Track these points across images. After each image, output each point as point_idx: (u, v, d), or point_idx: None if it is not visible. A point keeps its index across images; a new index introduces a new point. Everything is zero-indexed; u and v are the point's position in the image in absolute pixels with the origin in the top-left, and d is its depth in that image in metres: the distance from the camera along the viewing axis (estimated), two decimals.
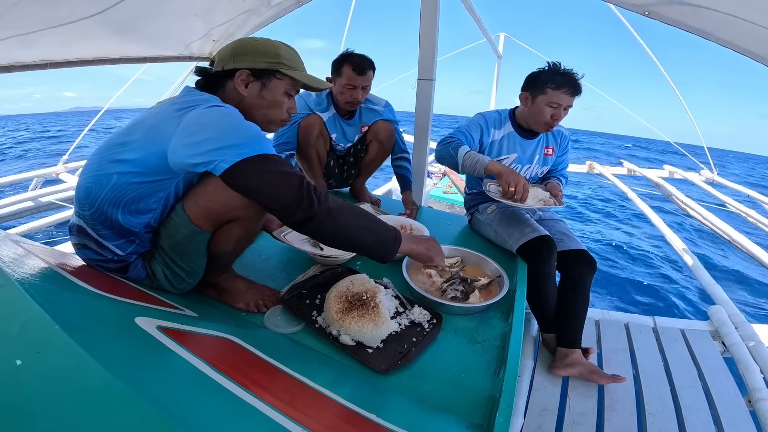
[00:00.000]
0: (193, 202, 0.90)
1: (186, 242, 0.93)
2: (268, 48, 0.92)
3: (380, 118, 1.83)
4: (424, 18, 1.89)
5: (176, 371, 0.51)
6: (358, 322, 0.95)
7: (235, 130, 0.79)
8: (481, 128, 1.54)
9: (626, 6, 1.54)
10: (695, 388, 1.36)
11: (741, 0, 1.12)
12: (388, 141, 1.84)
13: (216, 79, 0.94)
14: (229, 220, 0.93)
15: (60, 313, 0.51)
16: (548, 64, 1.44)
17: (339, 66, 1.66)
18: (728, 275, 4.59)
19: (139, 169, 0.81)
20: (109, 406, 0.37)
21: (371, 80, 1.69)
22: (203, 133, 0.77)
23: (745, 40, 1.29)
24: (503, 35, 6.77)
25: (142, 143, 0.81)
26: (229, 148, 0.76)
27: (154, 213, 0.90)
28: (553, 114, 1.43)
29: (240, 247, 1.03)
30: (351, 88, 1.65)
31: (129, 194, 0.84)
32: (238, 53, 0.91)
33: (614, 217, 6.68)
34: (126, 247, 0.92)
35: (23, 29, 1.38)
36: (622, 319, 1.75)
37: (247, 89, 0.92)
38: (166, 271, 0.97)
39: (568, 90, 1.40)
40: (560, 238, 1.46)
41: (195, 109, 0.81)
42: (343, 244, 0.89)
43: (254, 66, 0.91)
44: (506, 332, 1.07)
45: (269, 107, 0.95)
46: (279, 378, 0.68)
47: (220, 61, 0.93)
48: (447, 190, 4.38)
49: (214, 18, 2.05)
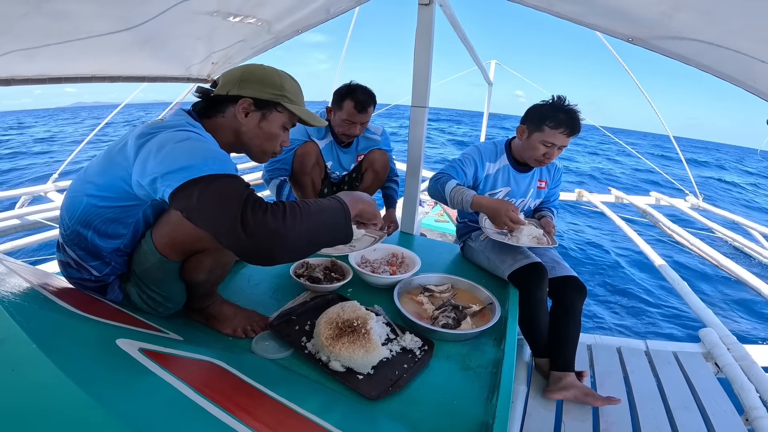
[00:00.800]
0: (159, 231, 0.88)
1: (155, 269, 0.92)
2: (274, 79, 0.93)
3: (376, 147, 1.84)
4: (418, 47, 1.96)
5: (157, 394, 0.49)
6: (348, 348, 0.93)
7: (189, 152, 0.72)
8: (475, 163, 1.55)
9: (612, 34, 1.61)
10: (691, 409, 1.34)
11: (722, 25, 1.17)
12: (383, 171, 1.85)
13: (216, 101, 0.93)
14: (196, 251, 0.91)
15: (38, 331, 0.49)
16: (552, 98, 1.42)
17: (341, 99, 1.65)
18: (717, 298, 4.63)
19: (105, 194, 0.81)
20: (83, 427, 0.35)
21: (371, 115, 1.69)
22: (157, 159, 0.72)
23: (724, 66, 1.35)
24: (494, 62, 7.01)
25: (106, 167, 0.81)
26: (176, 172, 0.69)
27: (124, 239, 0.89)
28: (546, 153, 1.42)
29: (213, 276, 0.99)
30: (350, 123, 1.65)
31: (98, 218, 0.83)
32: (244, 80, 0.90)
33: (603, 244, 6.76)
34: (102, 268, 0.91)
35: (28, 43, 1.39)
36: (614, 343, 1.74)
37: (247, 118, 0.92)
38: (142, 294, 0.96)
39: (565, 131, 1.37)
40: (551, 265, 1.46)
41: (157, 135, 0.77)
42: (305, 254, 0.78)
43: (258, 96, 0.91)
44: (499, 358, 1.05)
45: (265, 138, 0.95)
46: (265, 403, 0.66)
47: (224, 85, 0.91)
48: (439, 219, 4.40)
49: (214, 42, 2.10)
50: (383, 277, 1.35)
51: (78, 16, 1.36)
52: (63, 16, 1.32)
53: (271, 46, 2.46)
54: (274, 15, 2.02)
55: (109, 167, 0.81)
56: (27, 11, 1.20)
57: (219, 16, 1.78)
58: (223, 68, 2.59)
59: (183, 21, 1.72)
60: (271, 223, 0.66)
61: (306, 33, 2.45)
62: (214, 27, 1.93)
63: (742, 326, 3.90)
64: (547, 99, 1.44)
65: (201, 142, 0.76)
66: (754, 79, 1.29)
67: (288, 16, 2.09)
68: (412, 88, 2.10)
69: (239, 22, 1.92)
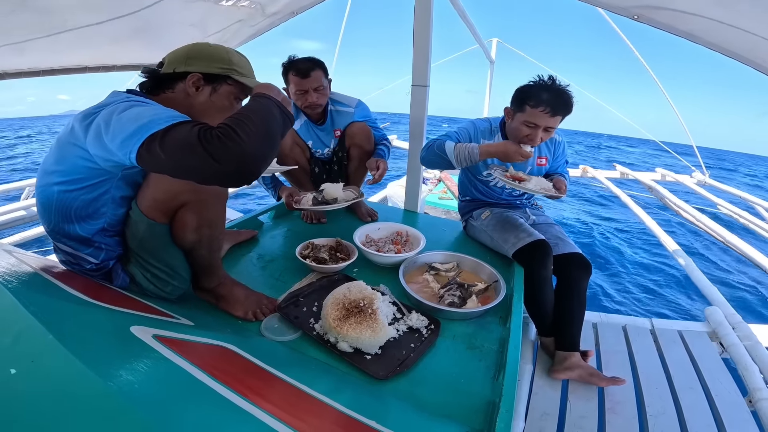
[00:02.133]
0: (142, 195, 0.91)
1: (147, 238, 0.94)
2: (221, 54, 0.95)
3: (352, 120, 1.79)
4: (417, 25, 1.91)
5: (174, 380, 0.51)
6: (355, 329, 0.95)
7: (136, 116, 0.74)
8: (470, 136, 1.53)
9: (616, 10, 1.56)
10: (695, 389, 1.36)
11: (727, 6, 1.14)
12: (366, 142, 1.80)
13: (164, 80, 0.94)
14: (177, 206, 0.92)
15: (54, 322, 0.50)
16: (538, 77, 1.36)
17: (285, 75, 1.65)
18: (723, 276, 4.62)
19: (72, 177, 0.82)
20: (104, 414, 0.37)
21: (321, 80, 1.64)
22: (109, 132, 0.75)
23: (732, 44, 1.31)
24: (495, 41, 6.85)
25: (63, 153, 0.82)
26: (131, 137, 0.71)
27: (105, 217, 0.90)
28: (530, 134, 1.37)
29: (204, 236, 0.98)
30: (302, 93, 1.63)
31: (73, 203, 0.85)
32: (191, 57, 0.92)
33: (608, 220, 6.73)
34: (97, 254, 0.93)
35: (17, 38, 1.37)
36: (619, 321, 1.75)
37: (198, 92, 0.93)
38: (145, 273, 0.98)
39: (547, 109, 1.31)
40: (555, 242, 1.46)
41: (100, 113, 0.79)
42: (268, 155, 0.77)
43: (207, 71, 0.92)
44: (504, 337, 1.07)
45: (217, 111, 0.97)
46: (277, 386, 0.67)
47: (171, 63, 0.93)
48: (442, 196, 4.38)
49: (208, 27, 2.06)
50: (388, 256, 1.36)
51: (65, 9, 1.35)
52: (49, 9, 1.30)
53: (266, 29, 2.41)
54: None
55: (65, 153, 0.82)
56: (13, 8, 1.19)
57: (211, 1, 1.75)
58: None
59: (176, 9, 1.69)
60: (231, 145, 0.69)
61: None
62: (207, 12, 1.89)
63: (748, 305, 3.90)
64: (534, 78, 1.38)
65: (144, 105, 0.79)
66: (762, 57, 1.26)
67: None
68: (412, 67, 2.06)
69: (232, 5, 1.87)
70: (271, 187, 1.71)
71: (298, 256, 1.36)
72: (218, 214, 1.00)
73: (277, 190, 1.69)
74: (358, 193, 1.57)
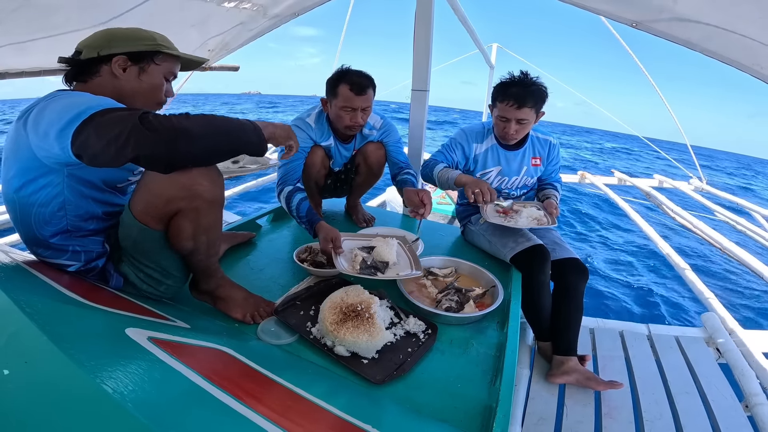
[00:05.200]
0: (134, 198, 0.88)
1: (140, 241, 0.92)
2: (144, 33, 0.93)
3: (370, 140, 1.72)
4: (418, 30, 1.92)
5: (169, 383, 0.50)
6: (353, 332, 0.94)
7: (67, 107, 0.73)
8: (461, 146, 1.58)
9: (615, 18, 1.58)
10: (692, 394, 1.36)
11: (727, 10, 1.15)
12: (377, 166, 1.75)
13: (87, 66, 0.90)
14: (172, 213, 0.89)
15: (48, 323, 0.50)
16: (509, 74, 1.43)
17: (334, 85, 1.47)
18: (720, 282, 4.64)
19: (26, 178, 0.81)
20: (98, 417, 0.36)
21: (372, 100, 1.51)
22: (43, 126, 0.74)
23: (730, 51, 1.32)
24: (495, 46, 6.89)
25: (11, 156, 0.81)
26: (65, 127, 0.71)
27: (67, 219, 0.88)
28: (505, 128, 1.44)
29: (201, 244, 0.95)
30: (349, 110, 1.48)
31: (32, 208, 0.83)
32: (114, 38, 0.89)
33: (606, 226, 6.75)
34: (77, 257, 0.91)
35: (19, 37, 1.38)
36: (616, 327, 1.76)
37: (125, 73, 0.90)
38: (138, 273, 0.97)
39: (511, 103, 1.37)
40: (552, 247, 1.46)
41: (33, 110, 0.78)
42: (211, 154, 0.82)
43: (132, 50, 0.90)
44: (502, 341, 1.07)
45: (148, 90, 0.94)
46: (273, 389, 0.67)
47: (91, 48, 0.89)
48: (441, 201, 4.39)
49: (209, 29, 2.07)
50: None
51: (68, 8, 1.35)
52: (53, 9, 1.30)
53: (268, 30, 2.42)
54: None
55: (14, 156, 0.81)
56: (17, 6, 1.19)
57: (213, 2, 1.75)
58: (219, 55, 2.56)
59: (175, 8, 1.69)
60: (174, 120, 0.70)
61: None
62: (208, 13, 1.90)
63: (744, 311, 3.91)
64: (506, 76, 1.45)
65: (75, 96, 0.78)
66: (761, 64, 1.27)
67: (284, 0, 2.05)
68: (412, 72, 2.07)
69: (234, 7, 1.88)
70: (306, 220, 1.41)
71: (296, 259, 1.35)
72: (215, 220, 0.97)
73: (313, 226, 1.39)
74: (416, 264, 1.26)
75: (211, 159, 0.84)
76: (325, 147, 1.65)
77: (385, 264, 1.26)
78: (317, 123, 1.61)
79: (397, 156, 1.74)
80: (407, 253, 1.33)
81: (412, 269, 1.24)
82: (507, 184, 1.63)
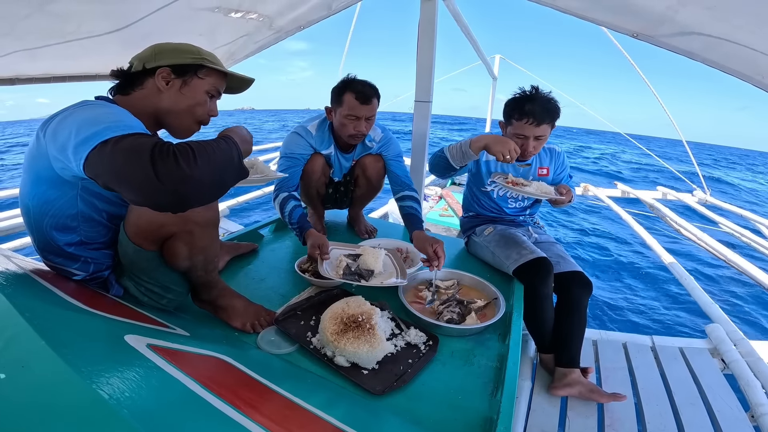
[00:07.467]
0: (128, 219, 0.87)
1: (137, 260, 0.91)
2: (190, 47, 0.92)
3: (369, 152, 1.72)
4: (421, 41, 1.95)
5: (167, 390, 0.50)
6: (353, 343, 0.94)
7: (91, 121, 0.69)
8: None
9: (617, 29, 1.60)
10: (696, 405, 1.34)
11: (727, 20, 1.16)
12: (376, 178, 1.74)
13: (134, 79, 0.90)
14: (165, 236, 0.88)
15: (47, 328, 0.50)
16: (520, 90, 1.41)
17: (340, 94, 1.48)
18: (724, 294, 4.59)
19: (39, 189, 0.80)
20: (94, 423, 0.36)
21: (376, 110, 1.52)
22: (63, 136, 0.71)
23: (732, 61, 1.33)
24: (498, 57, 6.95)
25: (30, 164, 0.80)
26: (82, 143, 0.67)
27: (80, 231, 0.87)
28: (523, 144, 1.41)
29: (197, 262, 0.95)
30: (354, 119, 1.48)
31: (46, 216, 0.83)
32: (159, 52, 0.89)
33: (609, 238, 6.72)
34: (86, 267, 0.91)
35: (31, 43, 1.40)
36: (619, 338, 1.73)
37: (168, 86, 0.89)
38: (139, 287, 0.96)
39: (530, 121, 1.36)
40: (556, 260, 1.46)
41: (58, 116, 0.76)
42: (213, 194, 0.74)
43: (176, 62, 0.89)
44: (503, 353, 1.06)
45: (189, 104, 0.92)
46: (271, 398, 0.66)
47: (139, 61, 0.90)
48: (443, 213, 4.38)
49: (216, 38, 2.10)
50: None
51: (80, 16, 1.37)
52: (65, 16, 1.32)
53: (273, 42, 2.45)
54: (276, 10, 2.01)
55: (31, 164, 0.80)
56: (30, 12, 1.21)
57: (220, 12, 1.78)
58: (226, 65, 2.59)
59: (184, 18, 1.72)
60: (184, 167, 0.64)
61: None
62: (215, 23, 1.93)
63: (749, 322, 3.87)
64: (517, 91, 1.43)
65: (103, 109, 0.74)
66: (762, 74, 1.28)
67: (290, 12, 2.09)
68: (415, 83, 2.09)
69: (241, 17, 1.91)
70: (296, 227, 1.45)
71: (297, 269, 1.35)
72: (210, 240, 0.96)
73: (303, 233, 1.42)
74: (402, 274, 1.27)
75: (214, 199, 0.78)
76: (325, 155, 1.65)
77: (370, 272, 1.27)
78: (318, 131, 1.62)
79: (397, 170, 1.72)
80: (395, 264, 1.33)
81: (397, 278, 1.24)
82: (515, 194, 1.63)
